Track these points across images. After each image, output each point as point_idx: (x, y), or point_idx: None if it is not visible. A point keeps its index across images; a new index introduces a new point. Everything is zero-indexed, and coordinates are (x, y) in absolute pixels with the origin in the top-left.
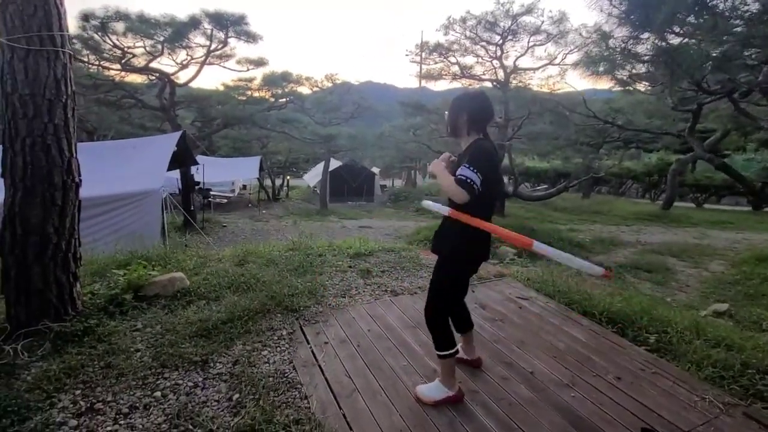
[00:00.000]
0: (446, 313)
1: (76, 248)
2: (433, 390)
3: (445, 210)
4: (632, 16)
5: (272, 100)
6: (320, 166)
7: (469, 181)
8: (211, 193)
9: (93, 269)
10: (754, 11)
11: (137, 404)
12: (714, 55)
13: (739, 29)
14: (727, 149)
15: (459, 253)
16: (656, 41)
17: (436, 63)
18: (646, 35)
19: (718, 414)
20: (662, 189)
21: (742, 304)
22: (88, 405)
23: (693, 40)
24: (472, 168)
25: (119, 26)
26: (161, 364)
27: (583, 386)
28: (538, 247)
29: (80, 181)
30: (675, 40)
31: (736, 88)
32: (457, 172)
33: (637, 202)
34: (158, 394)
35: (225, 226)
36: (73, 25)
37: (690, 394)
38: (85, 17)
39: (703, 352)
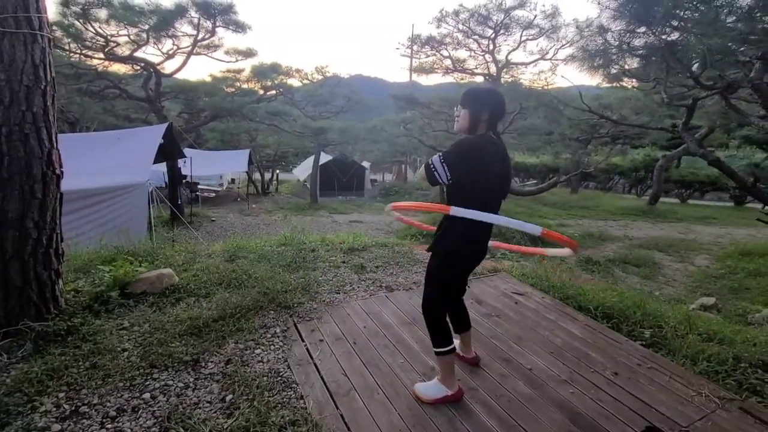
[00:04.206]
0: (444, 310)
1: (58, 244)
2: (431, 389)
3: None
4: (629, 10)
5: (261, 92)
6: (310, 159)
7: (431, 165)
8: (199, 186)
9: (77, 265)
10: (748, 5)
11: (125, 407)
12: (715, 49)
13: (738, 24)
14: (711, 146)
15: (456, 252)
16: (656, 35)
17: (428, 56)
18: (642, 29)
19: (714, 409)
20: (648, 185)
21: (727, 297)
22: (73, 408)
23: (688, 35)
24: (440, 156)
25: (101, 13)
26: (150, 364)
27: (582, 382)
28: (456, 211)
29: (62, 172)
30: (670, 35)
31: (733, 84)
32: None
33: (623, 198)
34: (147, 395)
35: (214, 220)
36: (52, 11)
37: (686, 389)
38: (66, 3)
39: (698, 347)
